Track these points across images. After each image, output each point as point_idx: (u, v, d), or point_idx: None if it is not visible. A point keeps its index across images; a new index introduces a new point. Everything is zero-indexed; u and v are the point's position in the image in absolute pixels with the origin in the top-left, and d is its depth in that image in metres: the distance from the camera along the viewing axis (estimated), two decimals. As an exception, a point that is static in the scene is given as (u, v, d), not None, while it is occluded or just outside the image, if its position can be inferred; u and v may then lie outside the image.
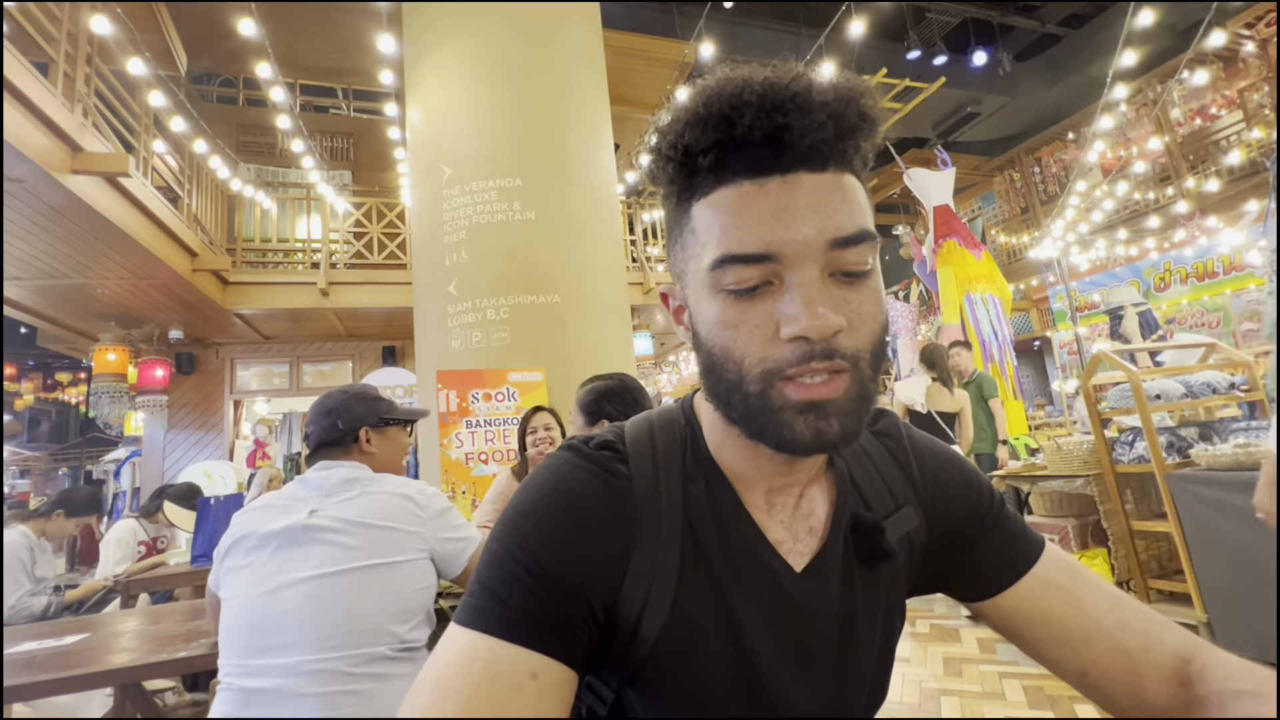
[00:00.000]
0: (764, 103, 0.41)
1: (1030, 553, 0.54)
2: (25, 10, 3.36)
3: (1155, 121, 8.29)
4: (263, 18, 3.96)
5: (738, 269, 0.41)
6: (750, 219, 0.41)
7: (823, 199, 0.42)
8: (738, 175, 0.42)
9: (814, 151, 0.42)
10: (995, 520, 0.56)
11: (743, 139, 0.42)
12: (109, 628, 1.95)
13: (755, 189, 0.42)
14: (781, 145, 0.41)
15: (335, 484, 1.23)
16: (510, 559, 0.44)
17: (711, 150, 0.42)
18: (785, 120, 0.41)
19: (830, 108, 0.42)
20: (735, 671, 0.47)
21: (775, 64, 0.46)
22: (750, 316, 0.42)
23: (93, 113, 3.75)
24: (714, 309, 0.44)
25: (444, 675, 0.41)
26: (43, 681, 1.42)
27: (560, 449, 0.51)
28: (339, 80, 7.64)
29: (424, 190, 4.03)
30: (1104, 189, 8.08)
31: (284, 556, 1.13)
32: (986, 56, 9.23)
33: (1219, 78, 7.89)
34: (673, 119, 0.45)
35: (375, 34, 4.32)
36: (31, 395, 14.21)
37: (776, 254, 0.41)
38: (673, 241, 0.49)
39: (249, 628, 1.09)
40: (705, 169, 0.43)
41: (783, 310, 0.41)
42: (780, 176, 0.42)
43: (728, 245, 0.42)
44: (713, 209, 0.43)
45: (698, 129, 0.43)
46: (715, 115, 0.42)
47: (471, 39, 3.98)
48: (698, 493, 0.50)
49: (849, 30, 4.90)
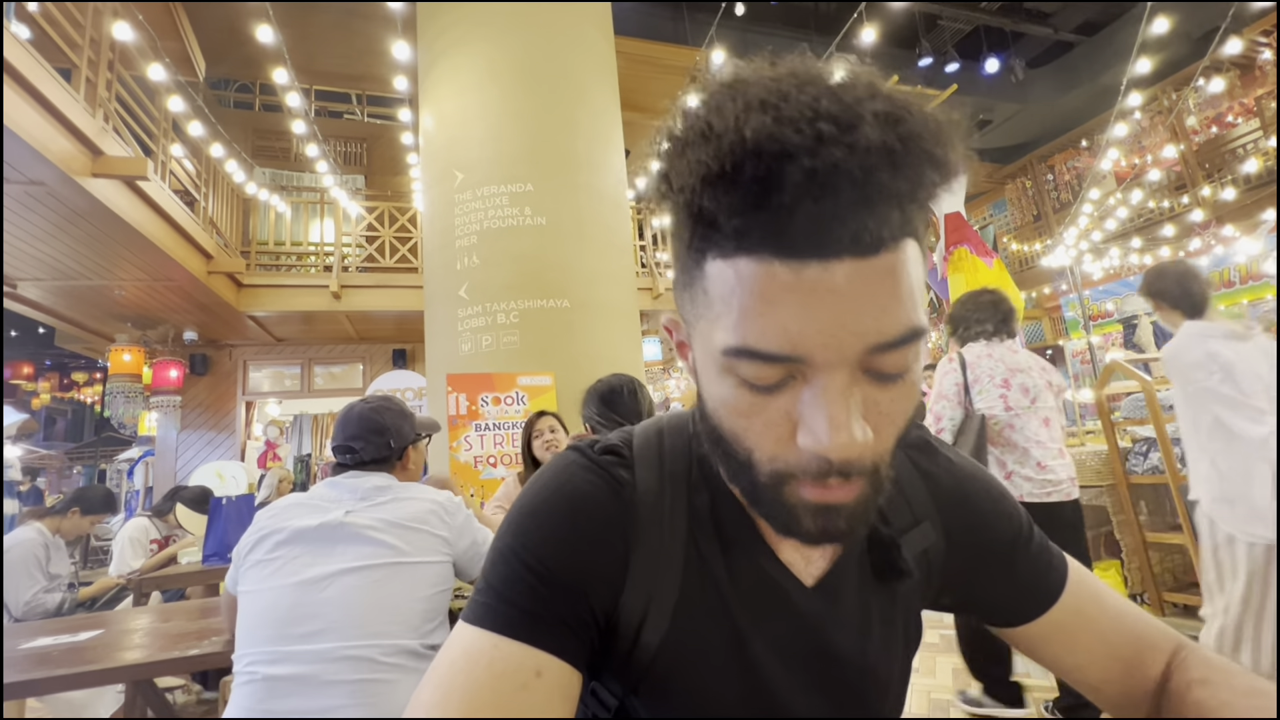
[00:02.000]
0: (814, 174, 0.31)
1: (1057, 584, 0.53)
2: (50, 17, 3.44)
3: (1170, 129, 8.22)
4: (280, 24, 4.02)
5: (756, 365, 0.35)
6: (777, 310, 0.33)
7: (869, 292, 0.33)
8: (766, 249, 0.33)
9: (869, 234, 0.33)
10: (1025, 549, 0.54)
11: (778, 214, 0.32)
12: (122, 625, 1.97)
13: (787, 273, 0.33)
14: (829, 224, 0.32)
15: (368, 490, 1.27)
16: (514, 557, 0.44)
17: (738, 213, 0.33)
18: (837, 205, 0.32)
19: (906, 174, 0.32)
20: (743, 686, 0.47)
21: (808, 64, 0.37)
22: (764, 411, 0.37)
23: (113, 117, 3.82)
24: (724, 390, 0.38)
25: (449, 673, 0.41)
26: (57, 676, 1.44)
27: (566, 449, 0.51)
28: (353, 86, 7.74)
29: (436, 195, 4.07)
30: (1118, 197, 8.01)
31: (320, 551, 1.16)
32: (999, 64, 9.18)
33: (1235, 85, 7.82)
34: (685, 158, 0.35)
35: (390, 40, 4.37)
36: (48, 394, 14.41)
37: (804, 357, 0.34)
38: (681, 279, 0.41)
39: (279, 617, 1.11)
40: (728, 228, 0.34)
41: (803, 417, 0.36)
42: (820, 263, 0.32)
43: (746, 335, 0.35)
44: (731, 277, 0.35)
45: (720, 190, 0.33)
46: (746, 179, 0.32)
47: (485, 45, 4.02)
48: (702, 506, 0.49)
49: (861, 37, 4.89)
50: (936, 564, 0.54)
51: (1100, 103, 9.05)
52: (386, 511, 1.22)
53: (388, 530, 1.19)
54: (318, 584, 1.12)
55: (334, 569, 1.14)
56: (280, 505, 1.25)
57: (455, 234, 3.84)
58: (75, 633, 1.85)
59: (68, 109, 3.20)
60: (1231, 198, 7.36)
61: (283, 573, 1.14)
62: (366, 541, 1.17)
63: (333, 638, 1.08)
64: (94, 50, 3.71)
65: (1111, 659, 0.51)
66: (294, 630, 1.09)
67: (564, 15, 4.15)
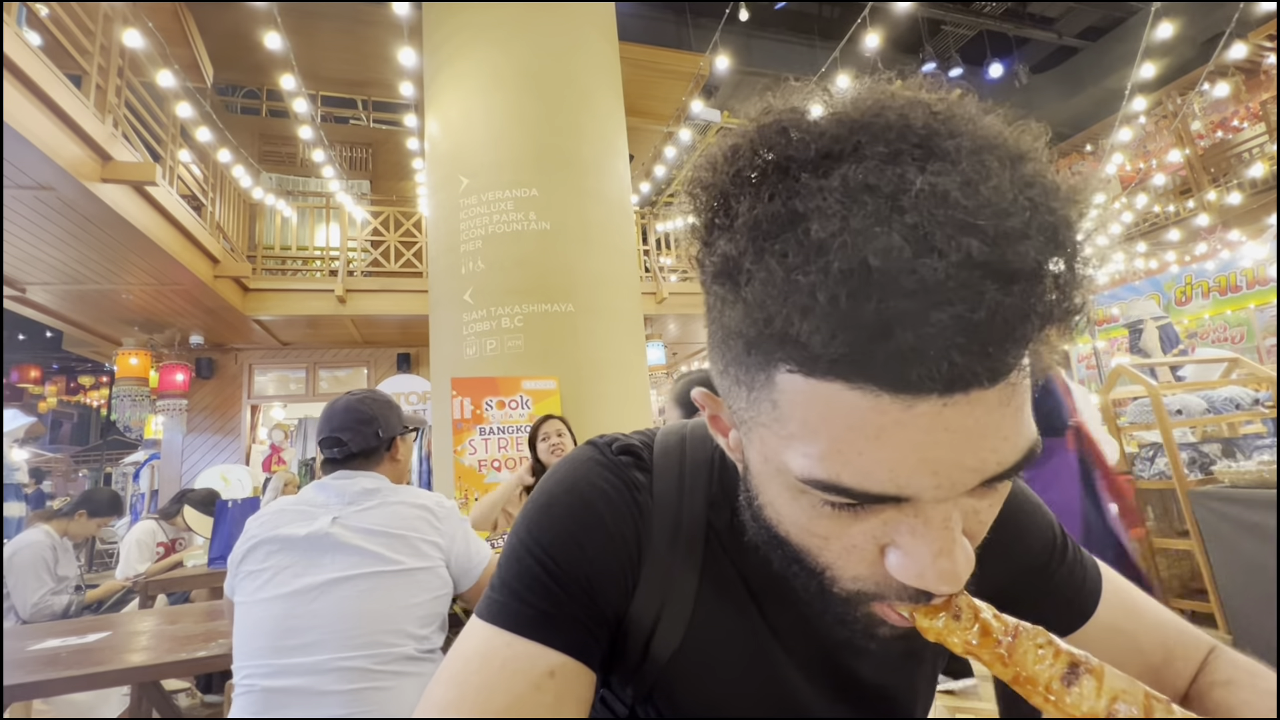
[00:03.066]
0: (958, 322, 0.25)
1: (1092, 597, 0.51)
2: (61, 24, 3.47)
3: (1175, 134, 8.20)
4: (287, 31, 4.05)
5: (847, 499, 0.30)
6: (881, 451, 0.28)
7: (993, 425, 0.28)
8: (871, 381, 0.27)
9: (1004, 366, 0.27)
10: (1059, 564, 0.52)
11: (900, 352, 0.26)
12: (128, 627, 1.98)
13: (897, 409, 0.27)
14: (962, 361, 0.26)
15: (356, 493, 1.25)
16: (527, 554, 0.44)
17: (840, 346, 0.26)
18: (983, 343, 0.25)
19: (1066, 296, 0.27)
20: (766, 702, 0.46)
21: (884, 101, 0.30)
22: (847, 533, 0.32)
23: (123, 123, 3.86)
24: (795, 510, 0.33)
25: (463, 671, 0.41)
26: (65, 678, 1.45)
27: (584, 445, 0.50)
28: (359, 92, 7.79)
29: (441, 199, 4.09)
30: (1123, 201, 8.00)
31: (309, 561, 1.15)
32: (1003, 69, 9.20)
33: (1241, 89, 7.81)
34: (764, 264, 0.28)
35: (396, 46, 4.41)
36: (55, 398, 14.50)
37: (912, 497, 0.29)
38: (730, 371, 0.34)
39: (273, 629, 1.10)
40: (816, 351, 0.27)
41: (900, 545, 0.31)
42: (940, 398, 0.27)
43: (839, 473, 0.29)
44: (819, 405, 0.29)
45: (823, 320, 0.26)
46: (865, 316, 0.25)
47: (489, 51, 4.05)
48: (722, 524, 0.47)
49: (864, 42, 4.91)
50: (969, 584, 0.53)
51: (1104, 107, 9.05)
52: (374, 518, 1.20)
53: (375, 539, 1.17)
54: (308, 595, 1.11)
55: (323, 579, 1.12)
56: (269, 512, 1.23)
57: (460, 238, 3.86)
58: (83, 634, 1.86)
59: (78, 115, 3.23)
60: (1237, 202, 7.34)
61: (273, 584, 1.14)
62: (354, 551, 1.15)
63: (327, 649, 1.08)
64: (104, 57, 3.75)
65: (1143, 666, 0.50)
66: (288, 643, 1.09)
67: (568, 21, 4.17)
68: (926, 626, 0.34)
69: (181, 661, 1.55)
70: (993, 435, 0.28)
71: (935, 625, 0.34)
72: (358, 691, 1.06)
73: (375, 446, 1.32)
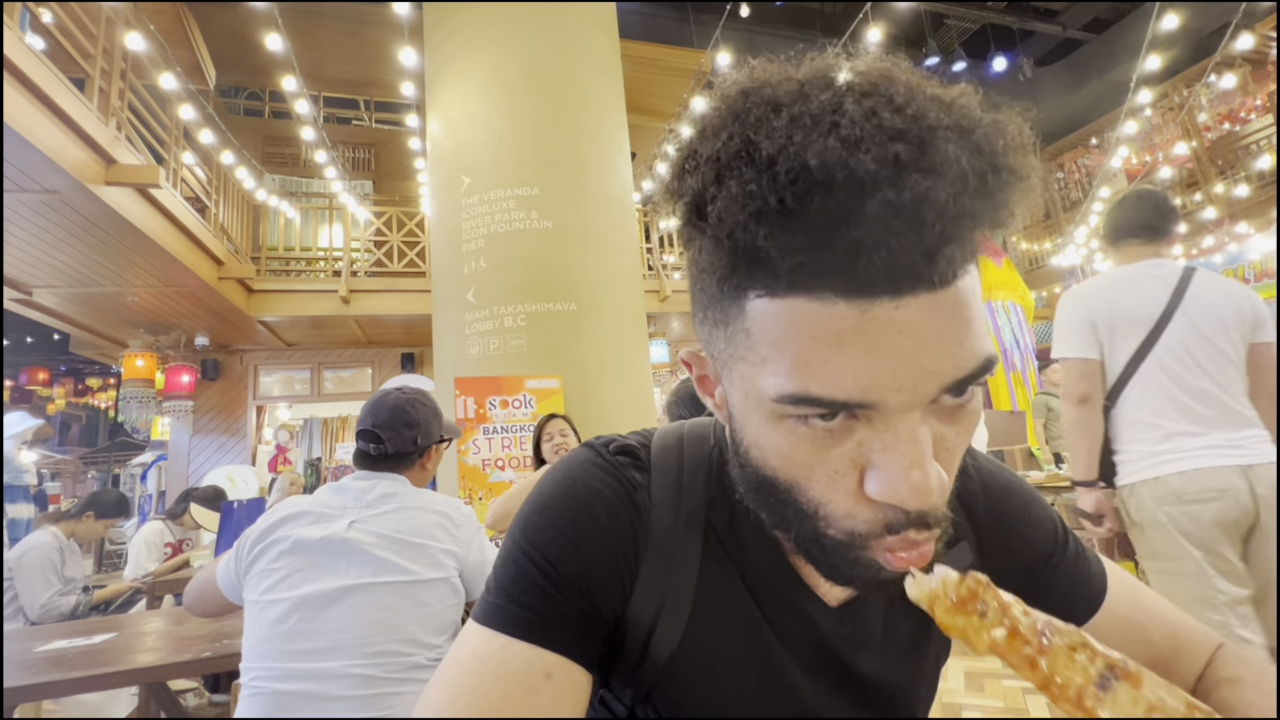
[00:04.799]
0: (897, 207, 0.28)
1: (1097, 594, 0.51)
2: (64, 28, 3.49)
3: (1181, 126, 8.14)
4: (289, 32, 4.06)
5: (817, 410, 0.32)
6: (843, 354, 0.30)
7: (943, 327, 0.31)
8: (828, 289, 0.30)
9: (946, 264, 0.30)
10: (1061, 560, 0.52)
11: (848, 251, 0.29)
12: (135, 628, 1.99)
13: (853, 313, 0.30)
14: (905, 258, 0.29)
15: (375, 497, 1.23)
16: (523, 556, 0.44)
17: (802, 250, 0.30)
18: (920, 238, 0.29)
19: (991, 195, 0.29)
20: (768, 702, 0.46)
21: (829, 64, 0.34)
22: (827, 458, 0.34)
23: (126, 126, 3.87)
24: (775, 437, 0.35)
25: (458, 675, 0.40)
26: (73, 679, 1.46)
27: (581, 446, 0.50)
28: (361, 92, 7.80)
29: (443, 199, 4.09)
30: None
31: (323, 565, 1.14)
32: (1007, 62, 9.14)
33: (1248, 81, 7.74)
34: (725, 187, 0.30)
35: (397, 46, 4.41)
36: (63, 400, 14.59)
37: (875, 403, 0.31)
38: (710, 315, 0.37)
39: (284, 632, 1.09)
40: (776, 267, 0.31)
41: (873, 464, 0.33)
42: (891, 300, 0.30)
43: (807, 384, 0.31)
44: (783, 320, 0.31)
45: (777, 227, 0.29)
46: (812, 213, 0.29)
47: (491, 50, 4.04)
48: (721, 522, 0.47)
49: (866, 37, 4.88)
50: None
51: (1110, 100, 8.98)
52: (391, 524, 1.19)
53: (391, 546, 1.16)
54: (321, 600, 1.10)
55: (337, 585, 1.11)
56: (285, 508, 1.21)
57: (462, 238, 3.86)
58: (90, 635, 1.87)
59: (81, 118, 3.25)
60: (1245, 194, 7.28)
61: (285, 585, 1.12)
62: (369, 559, 1.14)
63: (339, 656, 1.07)
64: (107, 60, 3.76)
65: (1154, 659, 0.50)
66: (299, 647, 1.08)
67: (569, 19, 4.17)
68: (949, 624, 0.32)
69: (188, 662, 1.56)
70: (946, 340, 0.31)
71: (957, 623, 0.32)
72: (367, 698, 1.06)
73: (410, 452, 1.31)
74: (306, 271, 6.80)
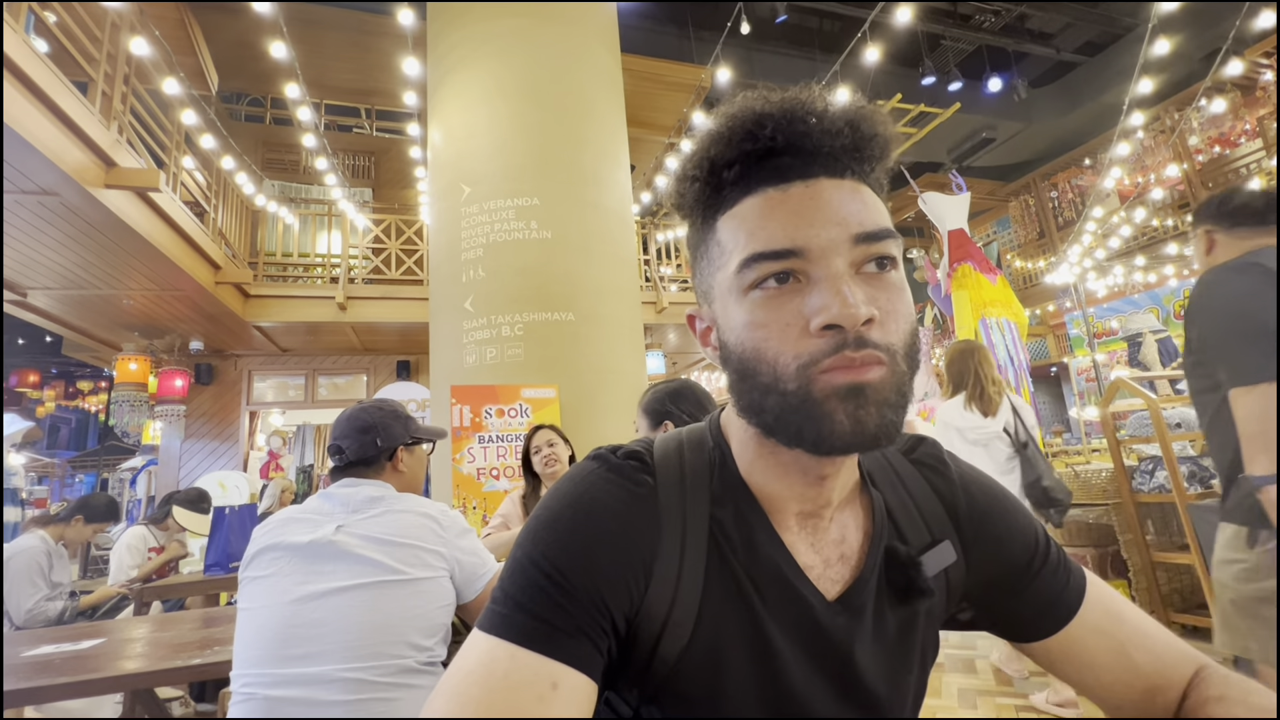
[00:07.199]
0: (784, 115, 0.44)
1: (1074, 600, 0.53)
2: (68, 31, 3.51)
3: (1173, 149, 8.26)
4: (292, 40, 4.09)
5: (765, 265, 0.43)
6: (775, 219, 0.43)
7: (844, 199, 0.44)
8: (762, 184, 0.45)
9: (833, 159, 0.45)
10: (1042, 565, 0.54)
11: (765, 150, 0.44)
12: (122, 633, 1.96)
13: (779, 194, 0.44)
14: (802, 152, 0.44)
15: (361, 501, 1.24)
16: (533, 567, 0.44)
17: (735, 164, 0.45)
18: (805, 129, 0.44)
19: (847, 117, 0.45)
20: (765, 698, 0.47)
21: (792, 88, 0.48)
22: (780, 315, 0.43)
23: (127, 130, 3.88)
24: (742, 312, 0.44)
25: (464, 683, 0.40)
26: (59, 684, 1.44)
27: (587, 458, 0.51)
28: (363, 101, 7.85)
29: (443, 208, 4.11)
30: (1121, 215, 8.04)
31: (311, 569, 1.14)
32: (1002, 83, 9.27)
33: (1238, 106, 7.87)
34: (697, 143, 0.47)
35: (400, 56, 4.44)
36: (53, 403, 14.47)
37: (802, 249, 0.42)
38: (698, 260, 0.50)
39: (274, 637, 1.09)
40: (729, 183, 0.46)
41: (811, 303, 0.42)
42: (803, 182, 0.44)
43: (754, 245, 0.43)
44: (738, 218, 0.45)
45: (722, 145, 0.45)
46: (739, 131, 0.45)
47: (493, 62, 4.08)
48: (726, 518, 0.49)
49: (864, 56, 4.95)
50: (955, 582, 0.54)
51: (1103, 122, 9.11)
52: (378, 526, 1.19)
53: (378, 548, 1.16)
54: (310, 603, 1.10)
55: (326, 588, 1.11)
56: (275, 520, 1.23)
57: (461, 247, 3.87)
58: (77, 641, 1.84)
59: (83, 121, 3.26)
60: (1235, 217, 7.37)
61: (275, 590, 1.13)
62: (357, 559, 1.14)
63: (329, 660, 1.07)
64: (110, 64, 3.78)
65: (1133, 676, 0.50)
66: (290, 652, 1.08)
67: (571, 32, 4.22)
68: None
69: (175, 669, 1.54)
70: (850, 205, 0.44)
71: None
72: (359, 702, 1.05)
73: (374, 455, 1.31)
74: (304, 277, 6.80)
